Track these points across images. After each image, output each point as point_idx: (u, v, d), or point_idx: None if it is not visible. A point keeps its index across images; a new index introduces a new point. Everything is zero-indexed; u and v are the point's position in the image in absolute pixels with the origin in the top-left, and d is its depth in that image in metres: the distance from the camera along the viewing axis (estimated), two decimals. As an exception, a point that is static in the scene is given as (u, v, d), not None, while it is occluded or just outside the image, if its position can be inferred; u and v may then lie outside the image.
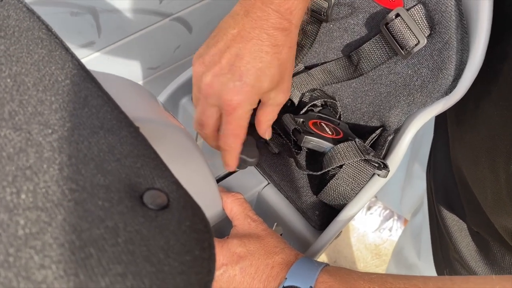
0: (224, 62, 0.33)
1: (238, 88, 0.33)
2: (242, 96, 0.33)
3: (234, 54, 0.32)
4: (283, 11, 0.31)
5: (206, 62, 0.34)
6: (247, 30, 0.32)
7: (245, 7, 0.32)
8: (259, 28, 0.32)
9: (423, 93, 0.37)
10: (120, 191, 0.16)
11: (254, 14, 0.32)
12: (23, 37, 0.20)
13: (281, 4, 0.31)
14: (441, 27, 0.34)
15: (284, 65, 0.34)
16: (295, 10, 0.32)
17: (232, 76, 0.33)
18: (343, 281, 0.29)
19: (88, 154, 0.17)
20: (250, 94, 0.33)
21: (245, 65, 0.32)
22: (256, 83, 0.33)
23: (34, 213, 0.14)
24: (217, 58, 0.33)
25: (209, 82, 0.33)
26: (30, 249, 0.13)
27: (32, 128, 0.16)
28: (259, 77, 0.33)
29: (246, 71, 0.32)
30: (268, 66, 0.33)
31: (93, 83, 0.20)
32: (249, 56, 0.32)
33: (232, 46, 0.33)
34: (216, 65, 0.33)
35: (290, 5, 0.31)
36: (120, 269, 0.14)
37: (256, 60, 0.32)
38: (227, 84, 0.33)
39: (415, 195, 0.87)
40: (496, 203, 0.36)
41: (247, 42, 0.32)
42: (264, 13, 0.31)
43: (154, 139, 0.21)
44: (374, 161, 0.37)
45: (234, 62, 0.32)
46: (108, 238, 0.14)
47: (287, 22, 0.32)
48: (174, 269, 0.14)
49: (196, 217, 0.17)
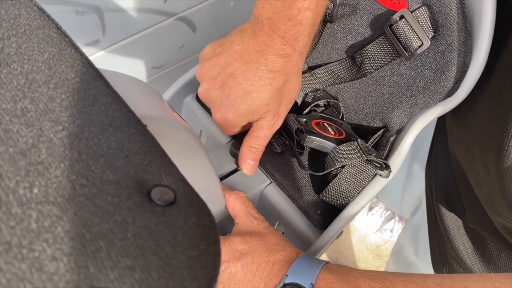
0: (219, 78, 0.34)
1: (224, 107, 0.34)
2: (226, 115, 0.34)
3: (229, 72, 0.34)
4: (288, 37, 0.31)
5: (204, 70, 0.35)
6: (248, 52, 0.33)
7: (254, 28, 0.32)
8: (260, 52, 0.32)
9: (426, 94, 0.38)
10: (129, 187, 0.16)
11: (259, 38, 0.32)
12: (34, 36, 0.21)
13: (287, 30, 0.31)
14: (444, 29, 0.34)
15: (278, 90, 0.34)
16: (300, 36, 0.32)
17: (221, 94, 0.34)
18: (343, 278, 0.30)
19: (97, 150, 0.17)
20: (236, 115, 0.34)
21: (236, 86, 0.33)
22: (242, 105, 0.34)
23: (46, 207, 0.14)
24: (214, 71, 0.34)
25: (201, 92, 0.36)
26: (42, 242, 0.13)
27: (44, 125, 0.17)
28: (247, 99, 0.34)
29: (235, 92, 0.33)
30: (258, 90, 0.33)
31: (102, 82, 0.21)
32: (242, 78, 0.33)
33: (230, 65, 0.34)
34: (211, 78, 0.35)
35: (295, 31, 0.31)
36: (128, 262, 0.14)
37: (247, 82, 0.33)
38: (216, 100, 0.35)
39: (415, 195, 0.88)
40: (490, 198, 0.36)
41: (244, 64, 0.33)
42: (269, 39, 0.32)
43: (160, 137, 0.21)
44: (376, 161, 0.37)
45: (226, 81, 0.34)
46: (117, 232, 0.15)
47: (290, 49, 0.32)
48: (181, 263, 0.15)
49: (202, 213, 0.17)
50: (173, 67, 0.74)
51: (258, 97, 0.34)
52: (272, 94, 0.34)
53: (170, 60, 0.73)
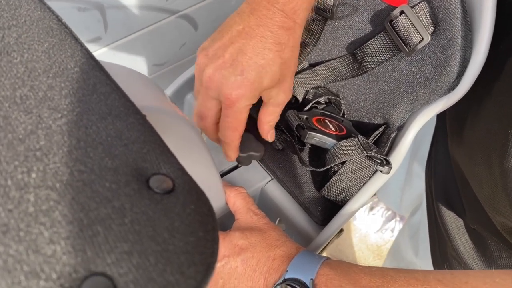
0: (227, 56, 0.33)
1: (239, 82, 0.33)
2: (241, 91, 0.33)
3: (237, 49, 0.33)
4: (288, 10, 0.32)
5: (210, 54, 0.34)
6: (252, 27, 0.33)
7: (251, 5, 0.33)
8: (264, 26, 0.32)
9: (427, 90, 0.38)
10: (127, 174, 0.16)
11: (259, 12, 0.32)
12: (34, 26, 0.21)
13: (286, 3, 0.31)
14: (445, 24, 0.34)
15: (286, 64, 0.34)
16: (299, 9, 0.32)
17: (234, 70, 0.33)
18: (343, 274, 0.30)
19: (96, 138, 0.17)
20: (250, 89, 0.33)
21: (247, 60, 0.33)
22: (257, 79, 0.33)
23: (44, 191, 0.14)
24: (220, 52, 0.34)
25: (210, 75, 0.34)
26: (40, 225, 0.13)
27: (43, 112, 0.17)
28: (260, 73, 0.33)
29: (247, 66, 0.33)
30: (269, 64, 0.33)
31: (101, 72, 0.21)
32: (252, 52, 0.33)
33: (236, 42, 0.33)
34: (219, 58, 0.34)
35: (294, 4, 0.32)
36: (126, 247, 0.14)
37: (258, 56, 0.33)
38: (228, 78, 0.33)
39: (414, 195, 0.88)
40: (492, 198, 0.36)
41: (251, 39, 0.33)
42: (269, 12, 0.32)
43: (160, 128, 0.21)
44: (377, 157, 0.37)
45: (236, 57, 0.33)
46: (115, 217, 0.15)
47: (291, 22, 0.32)
48: (179, 249, 0.15)
49: (200, 202, 0.17)
50: (174, 65, 0.75)
51: (270, 70, 0.33)
52: (281, 67, 0.34)
53: (172, 58, 0.73)
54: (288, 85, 0.37)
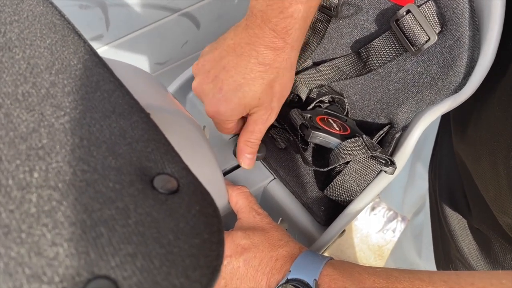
0: (212, 72, 0.34)
1: (216, 99, 0.34)
2: (218, 108, 0.34)
3: (222, 66, 0.34)
4: (279, 30, 0.32)
5: (199, 65, 0.36)
6: (241, 45, 0.33)
7: (247, 21, 0.33)
8: (252, 44, 0.32)
9: (432, 90, 0.37)
10: (131, 174, 0.16)
11: (251, 30, 0.32)
12: (37, 21, 0.20)
13: (278, 22, 0.31)
14: (452, 24, 0.34)
15: (269, 84, 0.34)
16: (291, 29, 0.32)
17: (214, 86, 0.34)
18: (347, 274, 0.29)
19: (100, 137, 0.17)
20: (227, 108, 0.34)
21: (228, 78, 0.33)
22: (234, 98, 0.34)
23: (46, 191, 0.14)
24: (207, 65, 0.35)
25: (195, 87, 0.36)
26: (42, 226, 0.13)
27: (45, 110, 0.17)
28: (238, 92, 0.33)
29: (226, 85, 0.33)
30: (249, 83, 0.33)
31: (104, 69, 0.20)
32: (234, 71, 0.33)
33: (223, 58, 0.34)
34: (203, 73, 0.35)
35: (286, 24, 0.31)
36: (130, 249, 0.14)
37: (239, 75, 0.33)
38: (208, 94, 0.35)
39: (417, 195, 0.87)
40: (497, 199, 0.35)
41: (236, 57, 0.33)
42: (261, 31, 0.32)
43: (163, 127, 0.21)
44: (381, 157, 0.37)
45: (219, 73, 0.34)
46: (118, 218, 0.14)
47: (281, 42, 0.32)
48: (184, 251, 0.14)
49: (206, 202, 0.17)
50: (176, 63, 0.74)
51: (249, 90, 0.34)
52: (264, 88, 0.34)
53: (174, 56, 0.72)
54: (273, 105, 0.36)
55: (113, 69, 0.21)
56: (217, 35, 0.37)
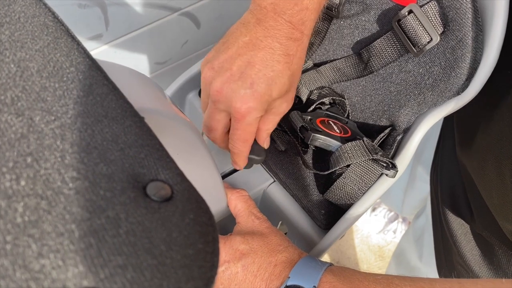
0: (235, 68, 0.33)
1: (249, 95, 0.32)
2: (252, 104, 0.33)
3: (245, 61, 0.32)
4: (296, 21, 0.31)
5: (216, 67, 0.34)
6: (259, 39, 0.32)
7: (257, 15, 0.32)
8: (272, 37, 0.32)
9: (434, 92, 0.37)
10: (123, 181, 0.16)
11: (266, 23, 0.32)
12: (29, 23, 0.20)
13: (294, 14, 0.31)
14: (455, 24, 0.33)
15: (294, 75, 0.34)
16: (307, 20, 0.31)
17: (243, 83, 0.32)
18: (347, 281, 0.29)
19: (91, 142, 0.16)
20: (260, 102, 0.33)
21: (256, 73, 0.32)
22: (267, 91, 0.33)
23: (33, 200, 0.13)
24: (227, 64, 0.33)
25: (218, 88, 0.33)
26: (28, 237, 0.13)
27: (35, 115, 0.16)
28: (270, 85, 0.33)
29: (257, 79, 0.32)
30: (279, 76, 0.33)
31: (98, 72, 0.20)
32: (260, 64, 0.32)
33: (243, 54, 0.32)
34: (226, 71, 0.33)
35: (302, 15, 0.31)
36: (120, 260, 0.13)
37: (267, 68, 0.32)
38: (238, 91, 0.33)
39: (417, 198, 0.87)
40: (502, 206, 0.35)
41: (259, 50, 0.32)
42: (277, 23, 0.31)
43: (159, 131, 0.20)
44: (383, 160, 0.36)
45: (245, 70, 0.32)
46: (109, 228, 0.14)
47: (299, 33, 0.32)
48: (176, 262, 0.14)
49: (200, 210, 0.16)
50: (176, 63, 0.74)
51: (279, 82, 0.33)
52: (289, 78, 0.34)
53: (174, 56, 0.72)
54: (292, 95, 0.36)
55: (107, 72, 0.20)
56: (218, 34, 0.36)
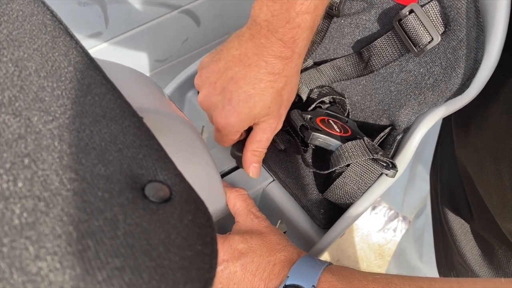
0: (219, 83, 0.34)
1: (226, 111, 0.34)
2: (229, 120, 0.34)
3: (229, 77, 0.33)
4: (287, 40, 0.31)
5: (203, 77, 0.35)
6: (247, 55, 0.32)
7: (251, 31, 0.32)
8: (260, 55, 0.32)
9: (435, 92, 0.36)
10: (121, 182, 0.15)
11: (258, 41, 0.32)
12: (27, 22, 0.20)
13: (285, 33, 0.31)
14: (456, 24, 0.33)
15: (279, 93, 0.34)
16: (299, 39, 0.31)
17: (222, 99, 0.33)
18: (346, 280, 0.29)
19: (89, 143, 0.16)
20: (237, 119, 0.34)
21: (237, 90, 0.33)
22: (244, 109, 0.33)
23: (30, 202, 0.13)
24: (213, 77, 0.34)
25: (201, 99, 0.35)
26: (25, 239, 0.12)
27: (33, 115, 0.16)
28: (248, 103, 0.33)
29: (236, 96, 0.33)
30: (259, 93, 0.33)
31: (97, 71, 0.20)
32: (243, 82, 0.33)
33: (229, 69, 0.33)
34: (210, 84, 0.34)
35: (294, 34, 0.31)
36: (118, 262, 0.13)
37: (248, 86, 0.33)
38: (217, 106, 0.34)
39: (417, 197, 0.87)
40: (501, 207, 0.35)
41: (244, 67, 0.32)
42: (268, 41, 0.31)
43: (158, 130, 0.20)
44: (383, 160, 0.36)
45: (227, 85, 0.33)
46: (107, 230, 0.14)
47: (289, 51, 0.32)
48: (175, 264, 0.14)
49: (199, 211, 0.16)
50: (176, 61, 0.73)
51: (260, 100, 0.33)
52: (273, 96, 0.34)
53: (174, 54, 0.72)
54: (279, 113, 0.36)
55: (106, 71, 0.20)
56: (217, 32, 0.36)
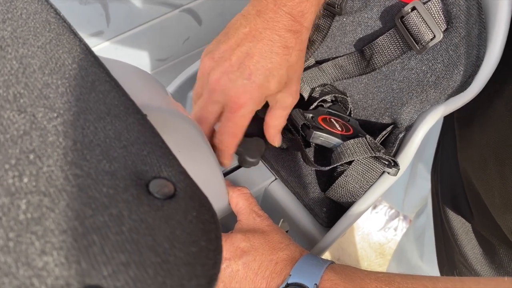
0: (234, 59, 0.33)
1: (247, 86, 0.33)
2: (249, 95, 0.33)
3: (244, 52, 0.33)
4: (295, 13, 0.31)
5: (216, 58, 0.34)
6: (258, 30, 0.32)
7: (257, 7, 0.32)
8: (271, 29, 0.32)
9: (437, 90, 0.36)
10: (126, 179, 0.15)
11: (266, 15, 0.32)
12: (31, 20, 0.20)
13: (294, 6, 0.31)
14: (458, 21, 0.33)
15: (293, 67, 0.34)
16: (307, 13, 0.32)
17: (241, 74, 0.33)
18: (348, 279, 0.29)
19: (93, 139, 0.16)
20: (257, 94, 0.33)
21: (255, 64, 0.32)
22: (264, 83, 0.33)
23: (36, 197, 0.13)
24: (227, 55, 0.33)
25: (217, 78, 0.33)
26: (31, 234, 0.12)
27: (37, 111, 0.16)
28: (268, 77, 0.33)
29: (255, 70, 0.32)
30: (277, 67, 0.33)
31: (100, 69, 0.20)
32: (259, 56, 0.32)
33: (242, 45, 0.33)
34: (226, 61, 0.33)
35: (302, 8, 0.31)
36: (123, 258, 0.13)
37: (266, 60, 0.32)
38: (236, 82, 0.33)
39: (418, 196, 0.86)
40: (504, 206, 0.35)
41: (258, 42, 0.32)
42: (277, 15, 0.31)
43: (161, 128, 0.20)
44: (385, 158, 0.36)
45: (244, 60, 0.33)
46: (112, 226, 0.14)
47: (298, 25, 0.32)
48: (179, 260, 0.14)
49: (203, 208, 0.16)
50: (177, 60, 0.73)
51: (277, 74, 0.33)
52: (288, 71, 0.34)
53: (175, 53, 0.72)
54: (295, 88, 0.36)
55: (110, 69, 0.20)
56: (219, 31, 0.36)
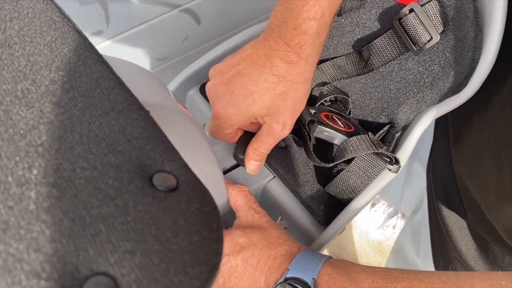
0: (227, 75, 0.35)
1: (226, 102, 0.35)
2: (226, 111, 0.35)
3: (237, 71, 0.35)
4: (293, 45, 0.32)
5: (217, 69, 0.37)
6: (258, 55, 0.34)
7: (265, 34, 0.34)
8: (267, 56, 0.33)
9: (433, 90, 0.37)
10: (131, 171, 0.16)
11: (268, 43, 0.33)
12: (37, 19, 0.20)
13: (292, 38, 0.32)
14: (455, 23, 0.34)
15: (281, 96, 0.34)
16: (305, 45, 0.33)
17: (226, 89, 0.35)
18: (346, 273, 0.29)
19: (99, 134, 0.17)
20: (235, 112, 0.35)
21: (240, 84, 0.34)
22: (243, 104, 0.34)
23: (45, 188, 0.14)
24: (224, 69, 0.36)
25: (209, 87, 0.37)
26: (41, 223, 0.13)
27: (45, 107, 0.17)
28: (248, 99, 0.34)
29: (239, 90, 0.34)
30: (260, 92, 0.34)
31: (104, 66, 0.20)
32: (248, 78, 0.34)
33: (239, 64, 0.35)
34: (219, 75, 0.36)
35: (300, 40, 0.32)
36: (129, 246, 0.14)
37: (252, 83, 0.34)
38: (219, 95, 0.35)
39: (414, 193, 0.87)
40: (499, 200, 0.35)
41: (252, 65, 0.34)
42: (276, 44, 0.33)
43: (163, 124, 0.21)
44: (387, 155, 0.37)
45: (233, 78, 0.35)
46: (117, 215, 0.14)
47: (295, 56, 0.33)
48: (183, 248, 0.14)
49: (205, 200, 0.17)
50: (177, 59, 0.74)
51: (259, 99, 0.34)
52: (274, 98, 0.34)
53: (174, 52, 0.72)
54: (284, 119, 0.36)
55: (113, 67, 0.21)
56: (218, 30, 0.37)
